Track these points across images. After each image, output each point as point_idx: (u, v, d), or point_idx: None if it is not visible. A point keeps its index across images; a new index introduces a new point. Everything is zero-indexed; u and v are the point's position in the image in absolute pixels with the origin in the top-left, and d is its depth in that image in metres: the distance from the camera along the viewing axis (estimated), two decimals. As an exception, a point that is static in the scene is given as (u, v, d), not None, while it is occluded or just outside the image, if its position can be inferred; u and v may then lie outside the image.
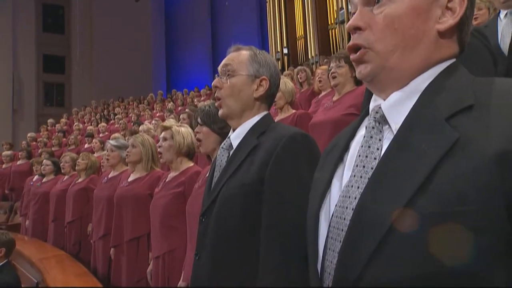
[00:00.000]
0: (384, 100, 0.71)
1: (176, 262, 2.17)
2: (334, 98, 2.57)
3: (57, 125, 11.21)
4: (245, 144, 1.16)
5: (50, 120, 11.90)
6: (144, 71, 19.07)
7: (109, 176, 3.26)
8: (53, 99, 18.60)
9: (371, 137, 0.69)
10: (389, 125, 0.68)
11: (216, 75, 1.27)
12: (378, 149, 0.67)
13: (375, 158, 0.67)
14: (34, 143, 9.23)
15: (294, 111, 2.97)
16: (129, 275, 2.64)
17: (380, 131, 0.69)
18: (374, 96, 0.75)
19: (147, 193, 2.65)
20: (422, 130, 0.62)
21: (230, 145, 1.22)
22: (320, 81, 3.50)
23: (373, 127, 0.70)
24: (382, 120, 0.70)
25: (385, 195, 0.60)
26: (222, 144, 1.24)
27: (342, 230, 0.65)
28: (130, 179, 2.82)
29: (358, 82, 2.51)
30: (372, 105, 0.75)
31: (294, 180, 1.03)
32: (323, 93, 3.52)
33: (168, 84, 20.34)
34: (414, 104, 0.66)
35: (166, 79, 20.67)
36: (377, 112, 0.70)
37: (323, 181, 0.75)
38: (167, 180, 2.37)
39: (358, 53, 0.71)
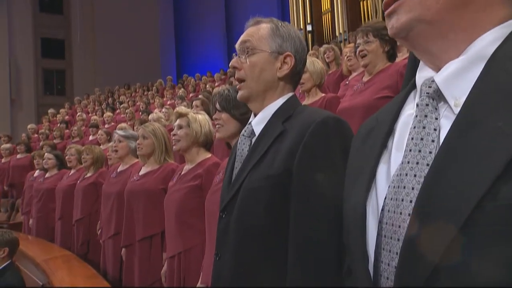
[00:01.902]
0: (436, 71, 0.67)
1: (192, 262, 2.22)
2: (365, 79, 2.49)
3: (58, 116, 11.48)
4: (269, 131, 1.15)
5: (51, 110, 12.18)
6: (152, 54, 19.23)
7: (119, 170, 3.33)
8: (53, 87, 19.00)
9: (426, 116, 0.66)
10: (446, 101, 0.65)
11: (234, 55, 1.26)
12: (435, 129, 0.64)
13: (433, 141, 0.64)
14: (35, 135, 9.49)
15: (323, 94, 2.94)
16: (141, 277, 2.71)
17: (436, 109, 0.66)
18: (420, 66, 0.72)
19: (160, 188, 2.70)
20: (495, 105, 0.57)
21: (252, 132, 1.21)
22: (349, 60, 3.44)
23: (426, 104, 0.67)
24: (437, 96, 0.66)
25: (456, 182, 0.57)
26: (243, 131, 1.24)
27: (399, 226, 0.63)
28: (141, 173, 2.87)
29: (391, 58, 2.44)
30: (419, 77, 0.71)
31: (326, 170, 1.01)
32: (353, 74, 3.46)
33: (178, 68, 20.47)
34: (481, 73, 0.62)
35: (176, 63, 20.81)
36: (429, 87, 0.67)
37: (366, 169, 0.73)
38: (182, 173, 2.41)
39: (393, 5, 0.68)
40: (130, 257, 2.84)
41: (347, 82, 3.37)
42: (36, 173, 5.28)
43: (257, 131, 1.19)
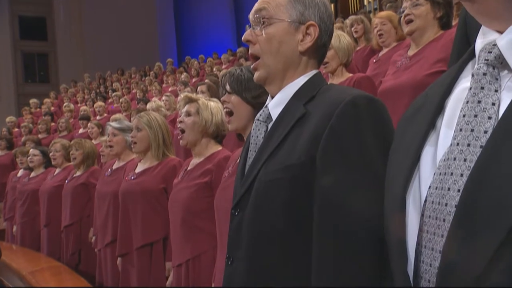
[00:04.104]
0: (501, 33, 0.65)
1: (203, 271, 2.24)
2: (411, 52, 2.43)
3: (42, 107, 11.65)
4: (289, 114, 1.14)
5: (33, 100, 12.36)
6: (149, 34, 19.27)
7: (114, 167, 3.38)
8: (35, 74, 19.22)
9: (482, 88, 0.64)
10: (511, 69, 0.63)
11: (247, 26, 1.26)
12: (493, 104, 0.62)
13: (489, 118, 0.62)
14: (17, 129, 9.66)
15: (350, 75, 2.93)
16: (140, 291, 2.75)
17: (496, 79, 0.64)
18: (482, 29, 0.70)
19: (161, 187, 2.74)
20: None
21: (269, 116, 1.21)
22: (380, 35, 3.39)
23: (484, 74, 0.64)
24: (499, 63, 0.64)
25: None
26: (258, 115, 1.24)
27: (444, 220, 0.63)
28: (138, 170, 2.91)
29: (444, 26, 2.35)
30: (480, 43, 0.69)
31: (356, 159, 1.00)
32: (385, 50, 3.41)
33: (179, 50, 20.52)
34: None
35: (176, 44, 20.85)
36: (489, 52, 0.65)
37: (408, 154, 0.72)
38: (189, 168, 2.43)
39: None
40: (127, 268, 2.87)
41: (375, 60, 3.33)
42: (20, 172, 5.37)
43: (275, 114, 1.19)
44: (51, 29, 19.14)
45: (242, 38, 1.26)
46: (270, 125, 1.20)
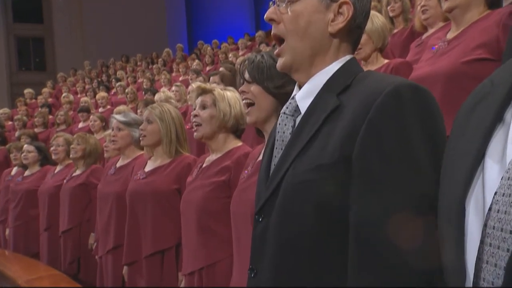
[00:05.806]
0: None
1: (217, 281, 2.25)
2: (449, 36, 2.35)
3: (38, 97, 11.80)
4: (320, 106, 1.13)
5: (28, 90, 12.54)
6: (156, 17, 19.35)
7: (118, 165, 3.40)
8: (30, 61, 19.44)
9: None
10: None
11: (271, 3, 1.22)
12: None
13: None
14: (10, 122, 9.80)
15: (386, 61, 2.92)
16: (150, 304, 2.76)
17: None
18: None
19: (174, 188, 2.75)
20: None
21: (296, 109, 1.21)
22: (424, 11, 3.32)
23: None
24: None
25: None
26: (284, 108, 1.23)
27: (511, 232, 0.62)
28: (147, 169, 2.92)
29: (492, 5, 2.25)
30: None
31: (400, 159, 0.98)
32: (430, 31, 3.36)
33: (190, 34, 20.58)
34: None
35: (187, 28, 20.90)
36: None
37: (470, 152, 0.71)
38: (204, 165, 2.44)
39: None
40: (135, 278, 2.89)
41: (420, 43, 3.27)
42: (14, 170, 5.45)
43: (303, 107, 1.18)
44: (47, 11, 19.30)
45: (265, 16, 1.24)
46: (298, 119, 1.20)
